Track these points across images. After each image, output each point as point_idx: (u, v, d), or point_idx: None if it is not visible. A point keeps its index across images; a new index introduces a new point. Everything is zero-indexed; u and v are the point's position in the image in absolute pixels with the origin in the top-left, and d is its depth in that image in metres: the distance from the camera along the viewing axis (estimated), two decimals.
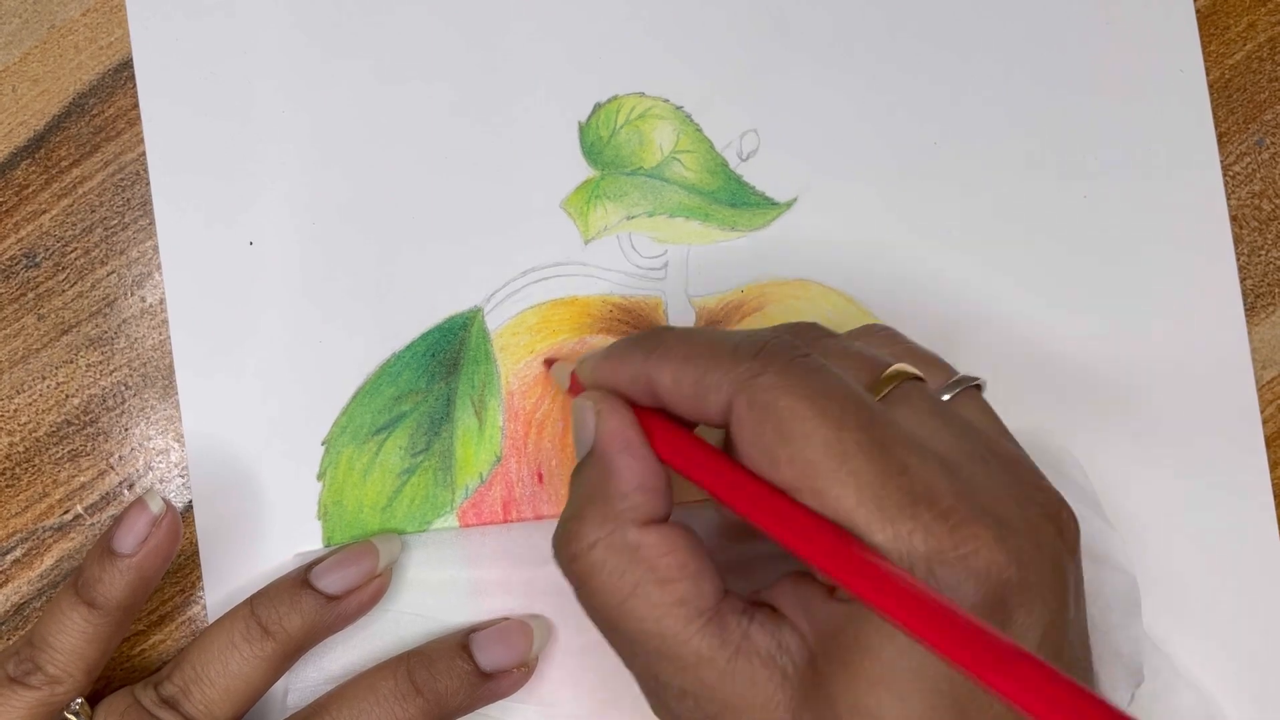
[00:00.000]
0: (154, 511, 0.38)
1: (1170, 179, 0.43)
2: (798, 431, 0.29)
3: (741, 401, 0.30)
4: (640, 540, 0.31)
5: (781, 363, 0.30)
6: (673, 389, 0.32)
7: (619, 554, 0.31)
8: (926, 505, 0.28)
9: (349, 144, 0.43)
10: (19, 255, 0.42)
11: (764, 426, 0.30)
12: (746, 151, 0.43)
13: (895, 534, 0.28)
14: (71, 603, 0.37)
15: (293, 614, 0.38)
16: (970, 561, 0.28)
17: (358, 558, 0.39)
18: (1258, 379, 0.43)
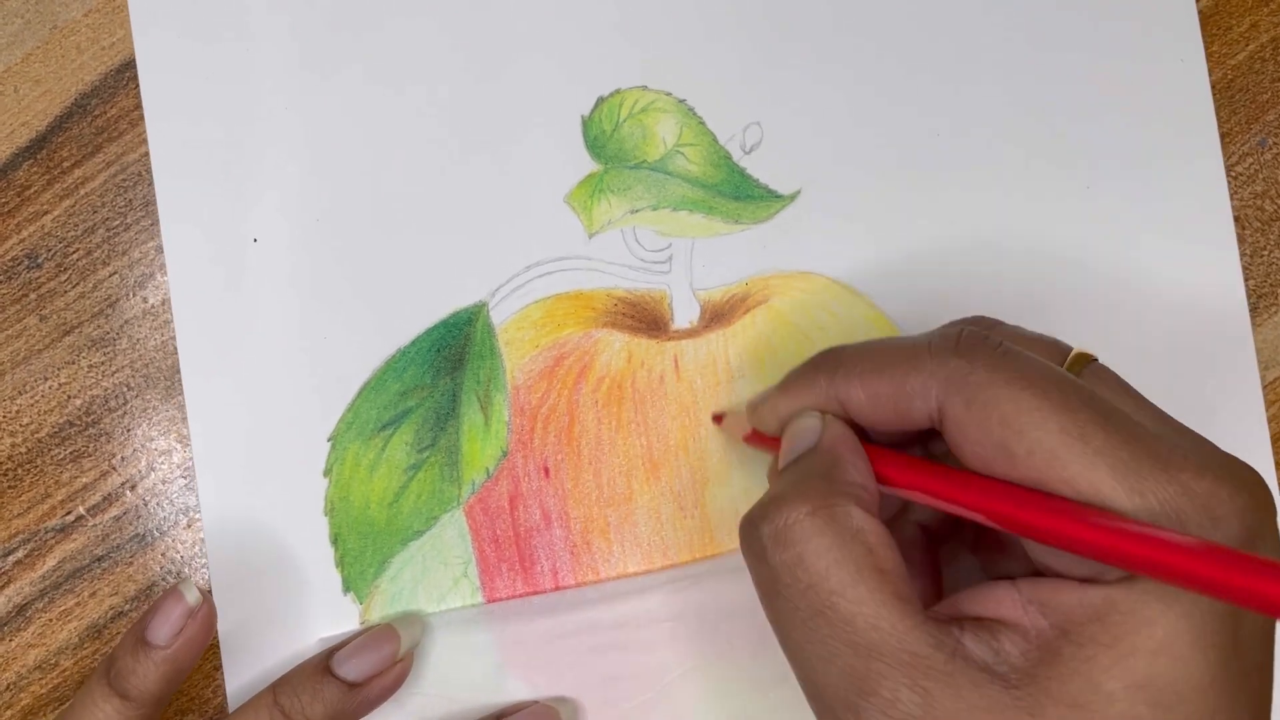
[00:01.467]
0: (190, 603, 0.38)
1: (1173, 178, 0.43)
2: (1029, 422, 0.28)
3: (957, 402, 0.30)
4: (865, 524, 0.30)
5: (986, 355, 0.30)
6: (869, 403, 0.32)
7: (841, 528, 0.30)
8: (1178, 466, 0.28)
9: (352, 141, 0.43)
10: (21, 256, 0.42)
11: (990, 423, 0.29)
12: (750, 144, 0.43)
13: (1159, 500, 0.27)
14: (104, 694, 0.37)
15: (315, 703, 0.38)
16: (1234, 516, 0.27)
17: (379, 643, 0.39)
18: (1261, 379, 0.43)
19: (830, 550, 0.29)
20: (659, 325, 0.42)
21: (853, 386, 0.32)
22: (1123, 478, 0.28)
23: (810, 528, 0.30)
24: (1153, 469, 0.28)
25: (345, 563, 0.41)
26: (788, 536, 0.30)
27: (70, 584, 0.42)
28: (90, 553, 0.42)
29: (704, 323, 0.42)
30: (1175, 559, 0.26)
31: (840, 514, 0.30)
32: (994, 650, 0.28)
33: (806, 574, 0.29)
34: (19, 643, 0.42)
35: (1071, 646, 0.28)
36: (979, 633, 0.29)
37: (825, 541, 0.29)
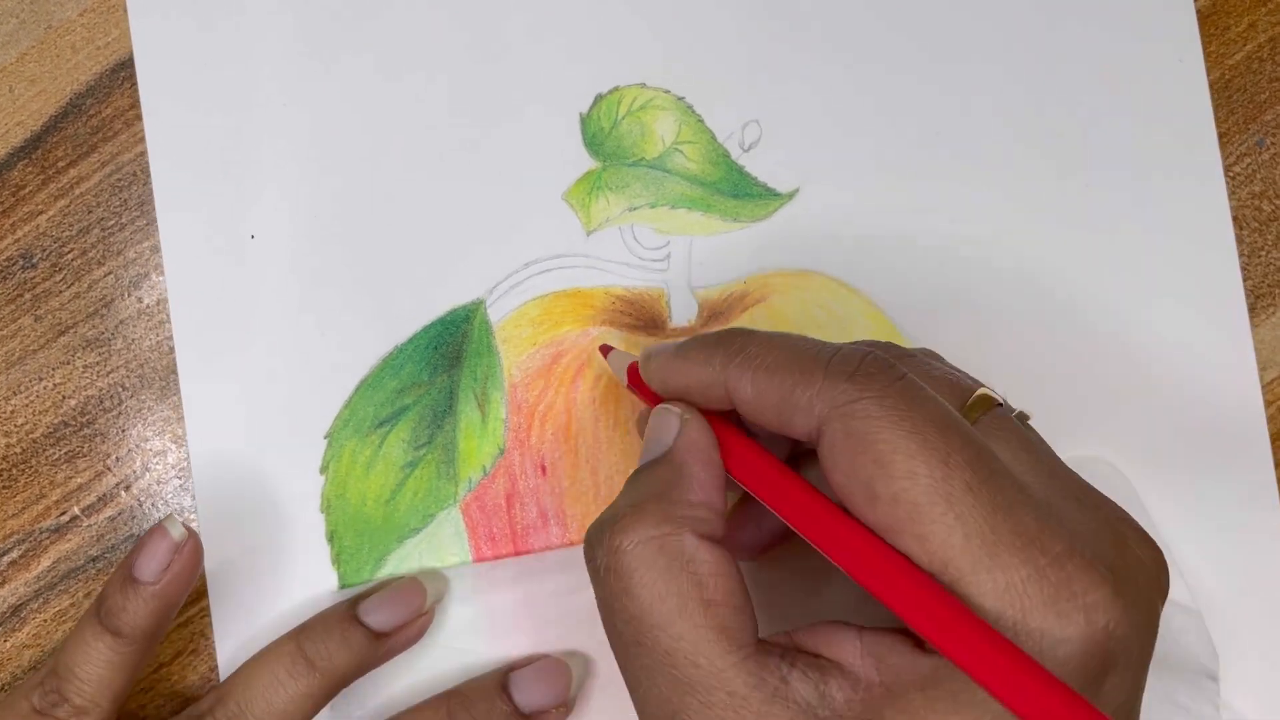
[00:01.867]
0: (175, 538, 0.37)
1: (1171, 178, 0.43)
2: (901, 469, 0.27)
3: (837, 429, 0.29)
4: (696, 553, 0.29)
5: (880, 385, 0.29)
6: (754, 402, 0.31)
7: (671, 559, 0.29)
8: (1039, 550, 0.27)
9: (350, 138, 0.42)
10: (16, 256, 0.42)
11: (862, 459, 0.28)
12: (748, 142, 0.43)
13: (1007, 582, 0.26)
14: (95, 632, 0.37)
15: (341, 649, 0.38)
16: (1089, 609, 0.26)
17: (407, 595, 0.39)
18: (1260, 379, 0.43)
19: (656, 583, 0.29)
20: (657, 323, 0.42)
21: (744, 380, 0.31)
22: (975, 551, 0.27)
23: (639, 558, 0.29)
24: (1011, 546, 0.27)
25: (341, 560, 0.41)
26: (618, 565, 0.30)
27: (65, 584, 0.42)
28: (85, 553, 0.42)
29: (702, 321, 0.42)
30: (973, 662, 0.25)
31: (671, 544, 0.29)
32: (820, 693, 0.28)
33: (633, 604, 0.29)
34: (14, 643, 0.42)
35: (893, 710, 0.27)
36: (809, 672, 0.28)
37: (653, 574, 0.29)
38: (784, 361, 0.30)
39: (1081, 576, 0.27)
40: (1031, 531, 0.27)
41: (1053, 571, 0.26)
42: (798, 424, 0.30)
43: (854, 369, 0.29)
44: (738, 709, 0.28)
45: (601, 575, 0.30)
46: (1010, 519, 0.27)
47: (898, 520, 0.27)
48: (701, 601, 0.29)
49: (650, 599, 0.29)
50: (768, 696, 0.28)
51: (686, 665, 0.28)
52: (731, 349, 0.32)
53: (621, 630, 0.30)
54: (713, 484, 0.31)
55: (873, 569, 0.28)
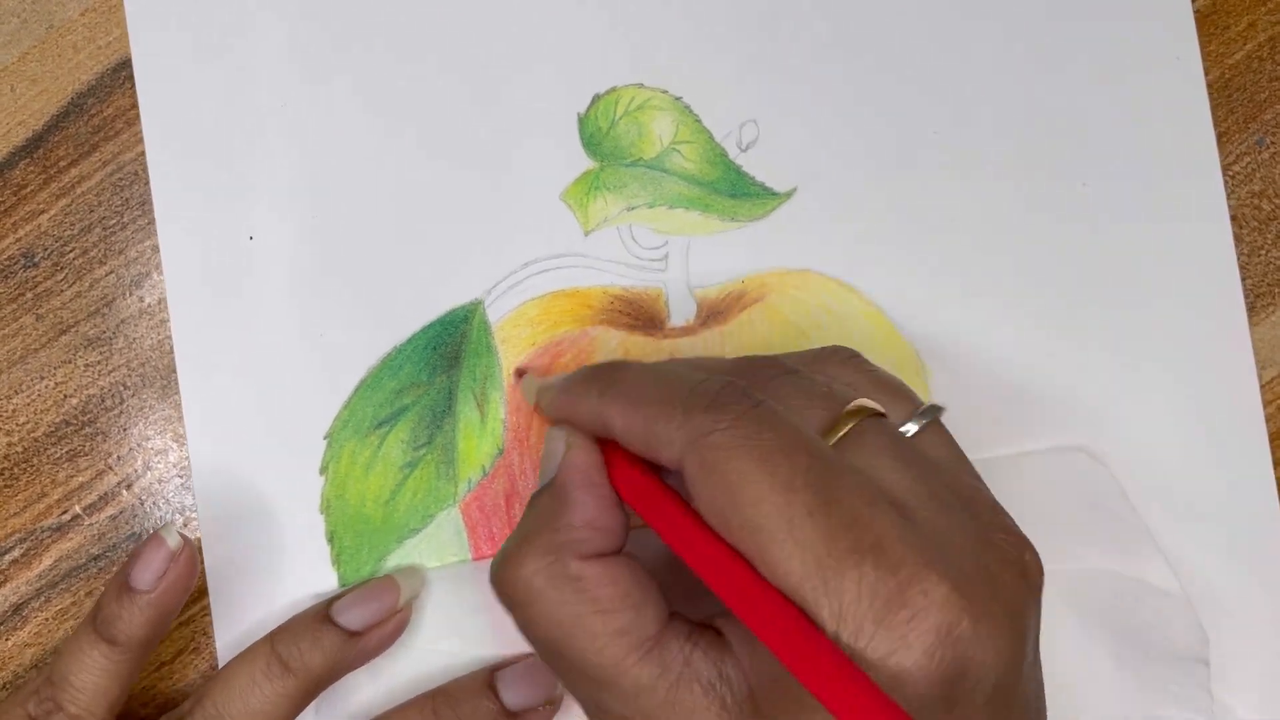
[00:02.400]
0: (171, 546, 0.38)
1: (1170, 177, 0.43)
2: (747, 498, 0.28)
3: (693, 461, 0.30)
4: (582, 572, 0.31)
5: (732, 417, 0.30)
6: (624, 434, 0.32)
7: (559, 584, 0.31)
8: (874, 561, 0.27)
9: (347, 138, 0.43)
10: (17, 255, 0.42)
11: (715, 489, 0.29)
12: (746, 142, 0.43)
13: (841, 605, 0.27)
14: (91, 640, 0.37)
15: (314, 650, 0.38)
16: (920, 616, 0.27)
17: (379, 593, 0.39)
18: (1259, 378, 0.43)
19: (554, 606, 0.31)
20: (655, 323, 0.42)
21: (614, 414, 0.32)
22: (813, 575, 0.27)
23: (534, 588, 0.31)
24: (843, 564, 0.27)
25: (341, 560, 0.41)
26: (516, 598, 0.32)
27: (67, 583, 0.42)
28: (87, 552, 0.42)
29: (700, 320, 0.42)
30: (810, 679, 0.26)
31: (557, 570, 0.31)
32: (718, 671, 0.30)
33: (537, 629, 0.31)
34: (15, 642, 0.42)
35: (765, 698, 0.29)
36: (709, 651, 0.30)
37: (545, 602, 0.31)
38: (648, 396, 0.32)
39: (917, 582, 0.27)
40: (870, 541, 0.28)
41: (885, 580, 0.27)
42: (663, 455, 0.31)
43: (710, 401, 0.30)
44: (646, 695, 0.30)
45: (510, 607, 0.32)
46: (850, 535, 0.28)
47: (749, 547, 0.29)
48: (597, 614, 0.31)
49: (549, 623, 0.31)
50: (672, 682, 0.29)
51: (595, 670, 0.30)
52: (604, 382, 0.34)
53: (539, 649, 0.32)
54: (596, 504, 0.32)
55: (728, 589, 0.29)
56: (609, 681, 0.30)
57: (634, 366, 0.34)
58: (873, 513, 0.28)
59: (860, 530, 0.28)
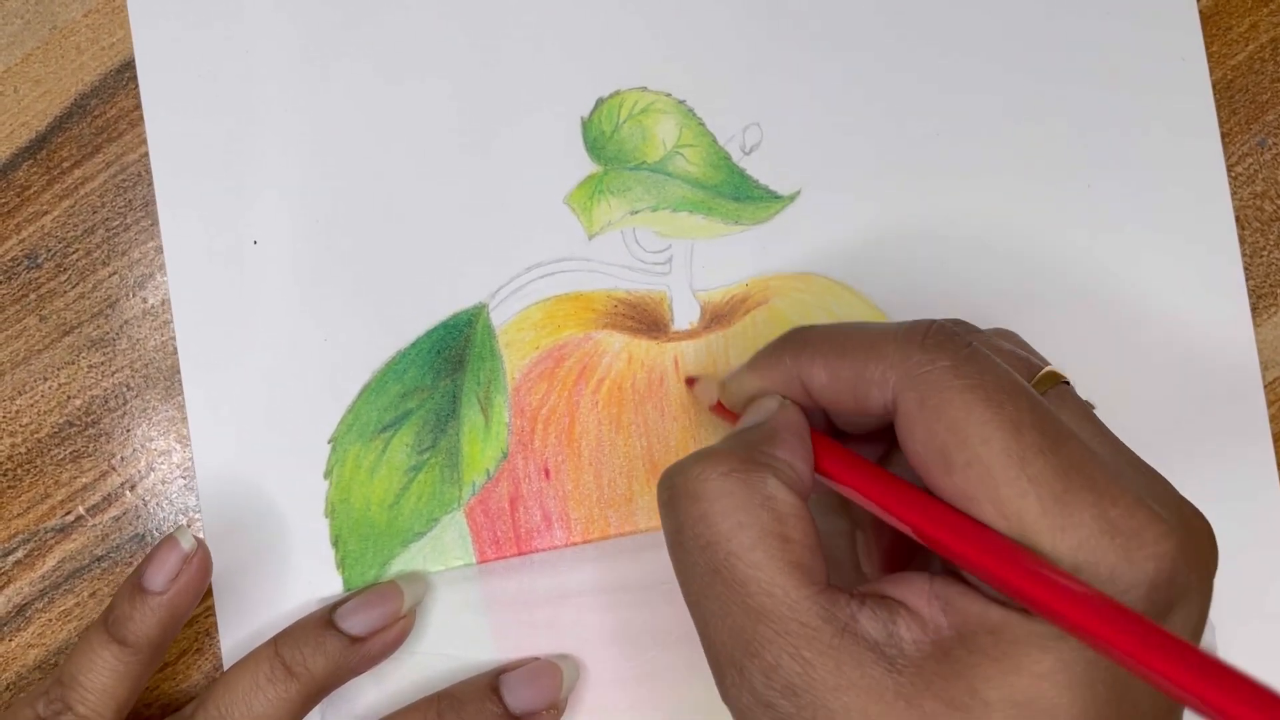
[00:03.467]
0: (185, 549, 0.38)
1: (1174, 177, 0.43)
2: (975, 435, 0.28)
3: (911, 398, 0.29)
4: (778, 493, 0.30)
5: (950, 354, 0.29)
6: (828, 385, 0.32)
7: (752, 493, 0.30)
8: (1110, 502, 0.27)
9: (352, 142, 0.43)
10: (21, 256, 0.42)
11: (936, 426, 0.29)
12: (749, 145, 0.43)
13: (1080, 540, 0.27)
14: (102, 641, 0.37)
15: (317, 655, 0.38)
16: (1158, 556, 0.27)
17: (383, 599, 0.39)
18: (1262, 379, 0.43)
19: (736, 511, 0.29)
20: (659, 326, 0.42)
21: (815, 367, 0.32)
22: (1050, 510, 0.27)
23: (720, 487, 0.30)
24: (1082, 502, 0.27)
25: (346, 564, 0.41)
26: (698, 491, 0.30)
27: (70, 584, 0.42)
28: (90, 553, 0.42)
29: (704, 324, 0.42)
30: (1066, 610, 0.26)
31: (755, 479, 0.30)
32: (889, 632, 0.28)
33: (709, 530, 0.30)
34: (19, 643, 0.42)
35: (962, 650, 0.28)
36: (878, 611, 0.29)
37: (732, 502, 0.30)
38: (850, 343, 0.31)
39: (1151, 527, 0.27)
40: (1101, 486, 0.28)
41: (1123, 521, 0.27)
42: (874, 398, 0.30)
43: (924, 339, 0.30)
44: (809, 640, 0.28)
45: (677, 501, 0.31)
46: (1081, 476, 0.28)
47: (973, 486, 0.28)
48: (779, 536, 0.29)
49: (730, 526, 0.29)
50: (838, 630, 0.28)
51: (761, 594, 0.29)
52: (797, 344, 0.33)
53: (696, 558, 0.30)
54: (801, 453, 0.32)
55: (957, 540, 0.28)
56: (773, 613, 0.29)
57: (823, 325, 0.34)
58: (1093, 460, 0.28)
59: (1089, 472, 0.28)
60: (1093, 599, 0.26)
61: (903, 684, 0.28)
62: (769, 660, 0.28)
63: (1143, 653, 0.25)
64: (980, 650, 0.28)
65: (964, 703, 0.27)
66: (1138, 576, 0.27)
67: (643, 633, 0.41)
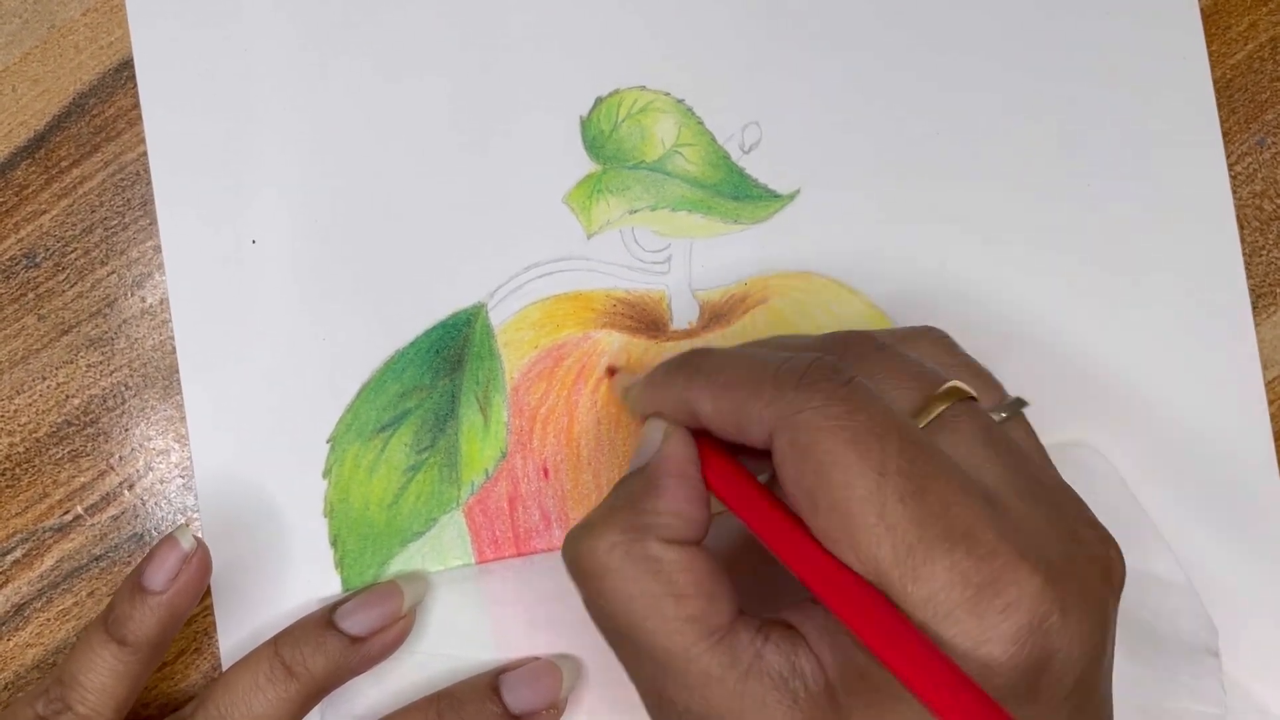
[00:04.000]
0: (185, 548, 0.38)
1: (1175, 176, 0.43)
2: (837, 480, 0.28)
3: (783, 440, 0.29)
4: (661, 554, 0.31)
5: (823, 395, 0.29)
6: (714, 418, 0.32)
7: (637, 562, 0.31)
8: (966, 549, 0.27)
9: (350, 141, 0.42)
10: (19, 255, 0.42)
11: (805, 468, 0.29)
12: (749, 144, 0.43)
13: (930, 591, 0.27)
14: (101, 640, 0.37)
15: (317, 655, 0.38)
16: (1013, 606, 0.27)
17: (382, 599, 0.39)
18: (1262, 378, 0.43)
19: (625, 584, 0.31)
20: (658, 326, 0.42)
21: (703, 398, 0.32)
22: (902, 560, 0.27)
23: (608, 561, 0.31)
24: (937, 552, 0.27)
25: (345, 564, 0.41)
26: (591, 569, 0.31)
27: (68, 583, 0.42)
28: (88, 552, 0.42)
29: (703, 323, 0.42)
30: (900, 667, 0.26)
31: (636, 549, 0.31)
32: (791, 665, 0.29)
33: (608, 604, 0.31)
34: (17, 642, 0.42)
35: (843, 693, 0.29)
36: (782, 644, 0.30)
37: (620, 578, 0.31)
38: (736, 377, 0.31)
39: (1010, 572, 0.27)
40: (962, 529, 0.27)
41: (978, 569, 0.27)
42: (753, 435, 0.31)
43: (799, 378, 0.30)
44: (713, 686, 0.29)
45: (579, 576, 0.32)
46: (941, 522, 0.28)
47: (835, 529, 0.28)
48: (670, 597, 0.30)
49: (622, 599, 0.31)
50: (742, 674, 0.29)
51: (662, 654, 0.30)
52: (689, 369, 0.33)
53: (604, 625, 0.32)
54: (684, 494, 0.32)
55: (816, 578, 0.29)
56: (676, 669, 0.30)
57: (718, 351, 0.34)
58: (965, 500, 0.28)
59: (953, 517, 0.28)
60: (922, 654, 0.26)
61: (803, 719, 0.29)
62: (680, 705, 0.30)
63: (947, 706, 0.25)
64: (855, 694, 0.29)
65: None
66: (990, 632, 0.27)
67: None
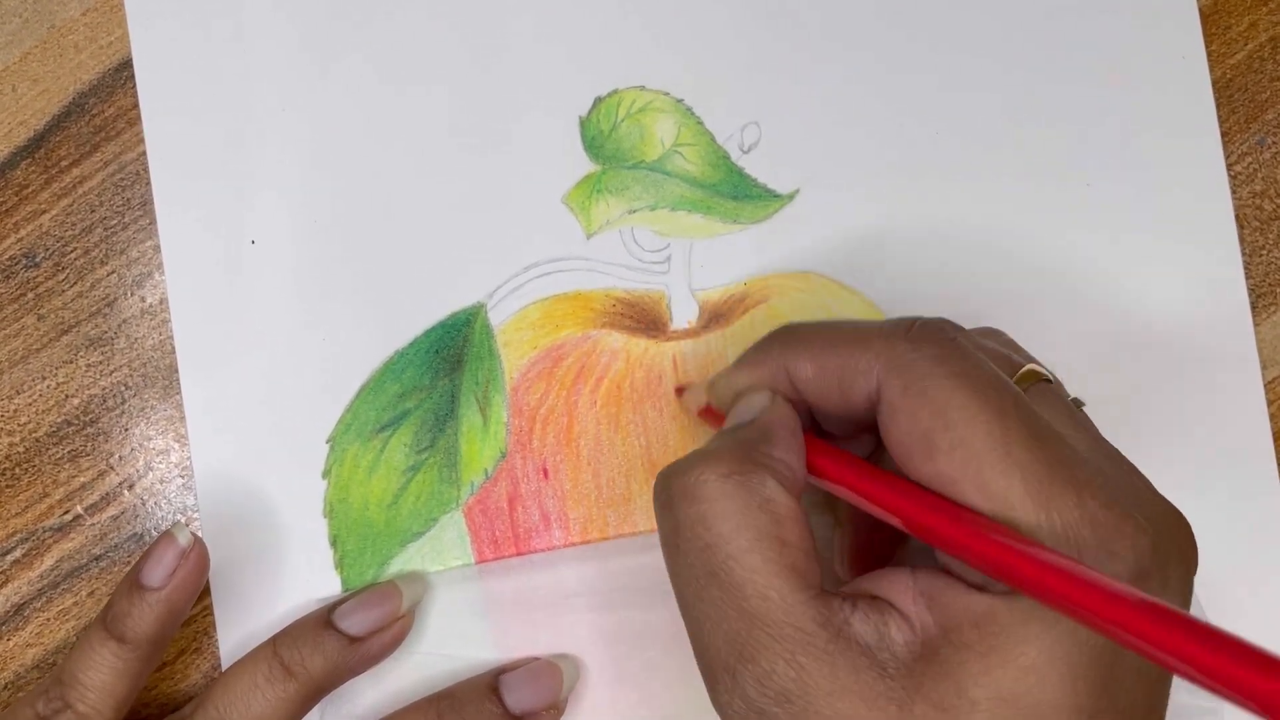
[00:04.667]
0: (182, 544, 0.38)
1: (1174, 177, 0.43)
2: (959, 418, 0.28)
3: (895, 385, 0.30)
4: (775, 496, 0.30)
5: (936, 345, 0.30)
6: (814, 379, 0.32)
7: (751, 495, 0.30)
8: (1089, 492, 0.28)
9: (350, 142, 0.42)
10: (19, 255, 0.42)
11: (922, 412, 0.29)
12: (748, 144, 0.43)
13: (1064, 524, 0.27)
14: (101, 638, 0.37)
15: (315, 655, 0.38)
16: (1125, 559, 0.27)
17: (381, 599, 0.39)
18: (1262, 378, 0.43)
19: (734, 514, 0.29)
20: (658, 326, 0.42)
21: (802, 360, 0.32)
22: (1033, 492, 0.27)
23: (719, 489, 0.30)
24: (1064, 491, 0.28)
25: (345, 564, 0.41)
26: (696, 493, 0.30)
27: (68, 583, 0.42)
28: (88, 552, 0.42)
29: (703, 323, 0.42)
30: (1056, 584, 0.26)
31: (754, 482, 0.30)
32: (879, 634, 0.28)
33: (707, 532, 0.29)
34: (17, 642, 0.42)
35: (949, 648, 0.28)
36: (869, 614, 0.29)
37: (731, 505, 0.29)
38: (838, 337, 0.32)
39: (1126, 524, 0.27)
40: (1082, 480, 0.28)
41: (1102, 513, 0.27)
42: (859, 388, 0.31)
43: (908, 332, 0.30)
44: (805, 645, 0.28)
45: (675, 504, 0.30)
46: (1063, 468, 0.28)
47: (957, 469, 0.28)
48: (777, 539, 0.29)
49: (728, 529, 0.29)
50: (833, 636, 0.28)
51: (757, 598, 0.29)
52: (784, 337, 0.33)
53: (692, 560, 0.30)
54: (794, 448, 0.32)
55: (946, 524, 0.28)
56: (767, 617, 0.28)
57: (807, 323, 0.34)
58: (1073, 457, 0.28)
59: (1070, 468, 0.28)
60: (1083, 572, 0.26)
61: (894, 688, 0.28)
62: (764, 666, 0.28)
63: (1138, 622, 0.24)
64: (966, 645, 0.28)
65: (951, 703, 0.27)
66: (1118, 569, 0.27)
67: (642, 633, 0.41)
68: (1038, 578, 0.26)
